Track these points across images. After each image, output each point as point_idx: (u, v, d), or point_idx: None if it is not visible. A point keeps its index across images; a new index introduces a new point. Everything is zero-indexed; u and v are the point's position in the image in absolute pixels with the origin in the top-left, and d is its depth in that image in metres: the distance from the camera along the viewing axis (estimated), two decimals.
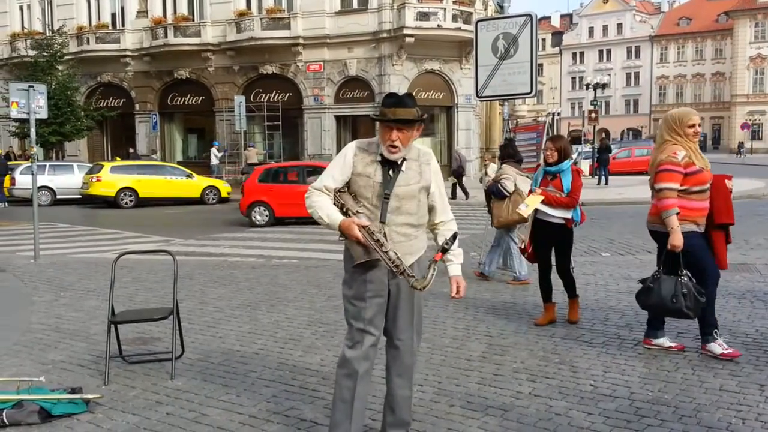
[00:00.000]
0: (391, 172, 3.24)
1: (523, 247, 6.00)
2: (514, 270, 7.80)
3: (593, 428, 3.68)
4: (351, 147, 3.35)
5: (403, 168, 3.25)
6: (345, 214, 3.22)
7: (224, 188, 21.96)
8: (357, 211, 3.21)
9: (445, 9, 25.70)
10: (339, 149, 26.84)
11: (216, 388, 4.44)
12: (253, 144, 26.99)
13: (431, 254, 3.23)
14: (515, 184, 7.65)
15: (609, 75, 57.62)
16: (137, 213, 18.68)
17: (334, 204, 3.26)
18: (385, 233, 3.20)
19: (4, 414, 3.87)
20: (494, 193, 7.70)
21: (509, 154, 8.12)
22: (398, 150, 3.19)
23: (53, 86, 25.28)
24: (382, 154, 3.24)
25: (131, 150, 29.04)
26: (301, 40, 27.06)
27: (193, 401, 4.21)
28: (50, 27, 30.32)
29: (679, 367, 4.66)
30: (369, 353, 3.32)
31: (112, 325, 4.76)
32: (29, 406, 3.94)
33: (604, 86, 35.67)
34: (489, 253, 8.15)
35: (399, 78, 26.18)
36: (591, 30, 77.37)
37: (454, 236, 3.21)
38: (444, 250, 3.17)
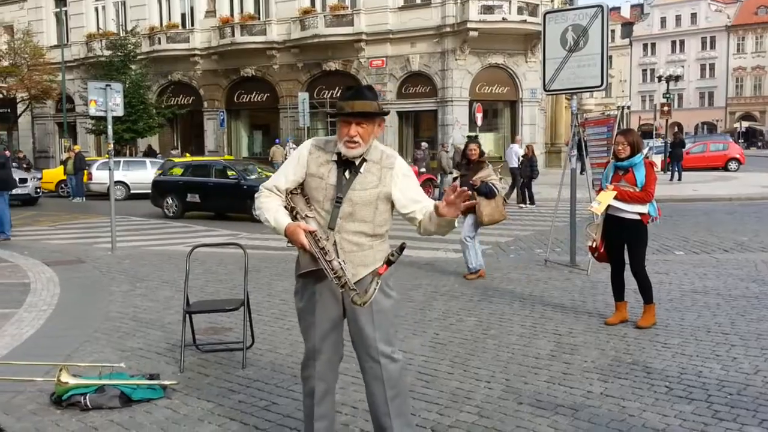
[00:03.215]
0: (347, 173, 2.90)
1: (594, 246, 5.84)
2: (467, 263, 7.84)
3: (669, 431, 3.58)
4: (306, 145, 3.04)
5: (362, 170, 2.91)
6: (294, 218, 2.92)
7: None
8: (306, 216, 2.92)
9: (510, 1, 25.29)
10: (401, 145, 26.90)
11: (285, 378, 4.53)
12: (280, 141, 26.66)
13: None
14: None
15: (682, 67, 55.64)
16: None
17: (285, 206, 2.96)
18: (335, 241, 2.89)
19: (87, 398, 4.06)
20: (485, 193, 7.72)
21: (482, 152, 8.06)
22: (357, 145, 2.86)
23: (127, 85, 26.29)
24: (338, 154, 2.91)
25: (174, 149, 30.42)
26: (363, 36, 27.20)
27: (263, 390, 4.32)
28: (124, 28, 31.51)
29: (759, 370, 4.47)
30: (324, 374, 3.05)
31: (187, 315, 4.93)
32: (111, 390, 4.12)
33: (677, 78, 34.56)
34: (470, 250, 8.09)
35: (462, 72, 25.96)
36: (663, 20, 74.70)
37: (402, 247, 2.74)
38: (389, 262, 2.77)
